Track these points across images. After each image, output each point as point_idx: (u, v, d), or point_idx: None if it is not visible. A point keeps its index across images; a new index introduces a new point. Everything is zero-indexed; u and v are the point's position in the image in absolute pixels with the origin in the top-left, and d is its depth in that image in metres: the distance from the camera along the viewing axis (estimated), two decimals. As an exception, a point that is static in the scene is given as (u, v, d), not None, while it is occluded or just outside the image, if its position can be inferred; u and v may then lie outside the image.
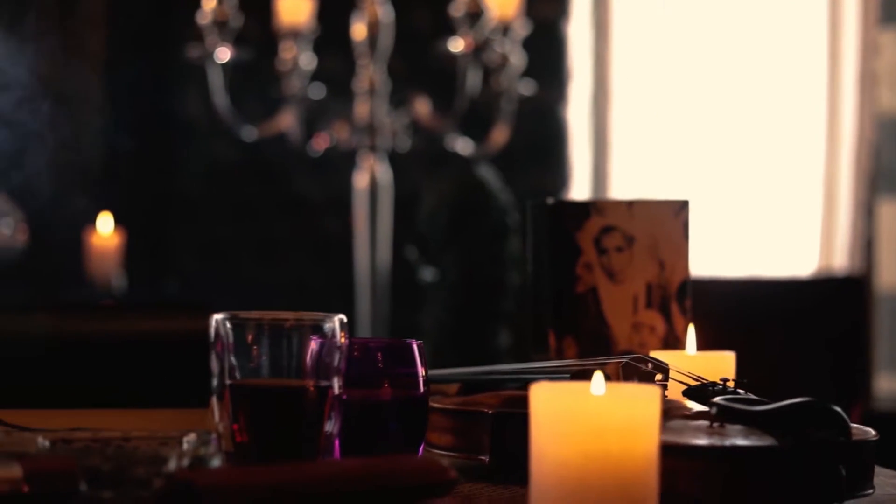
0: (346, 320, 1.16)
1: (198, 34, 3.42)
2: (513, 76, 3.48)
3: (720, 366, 1.44)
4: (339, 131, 3.55)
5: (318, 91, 3.61)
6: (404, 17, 3.78)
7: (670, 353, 1.45)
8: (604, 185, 4.71)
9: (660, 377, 1.27)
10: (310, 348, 1.15)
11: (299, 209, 4.65)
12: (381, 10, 3.50)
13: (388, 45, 3.52)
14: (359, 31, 3.51)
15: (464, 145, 3.63)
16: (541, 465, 0.93)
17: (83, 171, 4.21)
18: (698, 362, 1.40)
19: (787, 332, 3.55)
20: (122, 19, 4.57)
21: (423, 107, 3.56)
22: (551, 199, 1.65)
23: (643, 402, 0.92)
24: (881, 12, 4.58)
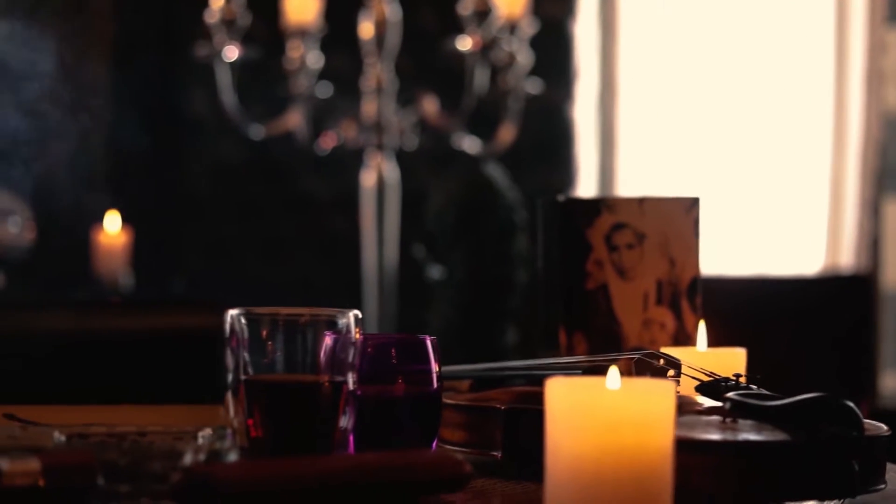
0: (360, 316, 1.16)
1: (206, 33, 3.42)
2: (520, 75, 3.48)
3: (731, 362, 1.44)
4: (347, 130, 3.56)
5: (325, 90, 3.62)
6: (411, 16, 3.79)
7: (681, 350, 1.45)
8: (610, 184, 4.71)
9: (672, 373, 1.27)
10: (324, 344, 1.15)
11: (306, 208, 4.65)
12: (389, 8, 3.50)
13: (396, 44, 3.52)
14: (366, 29, 3.51)
15: (471, 144, 3.64)
16: (556, 459, 0.93)
17: (90, 170, 4.22)
18: (709, 359, 1.40)
19: (793, 330, 3.55)
20: (129, 17, 4.58)
21: (431, 105, 3.56)
22: (562, 196, 1.65)
23: (658, 396, 0.93)
24: (888, 11, 4.58)
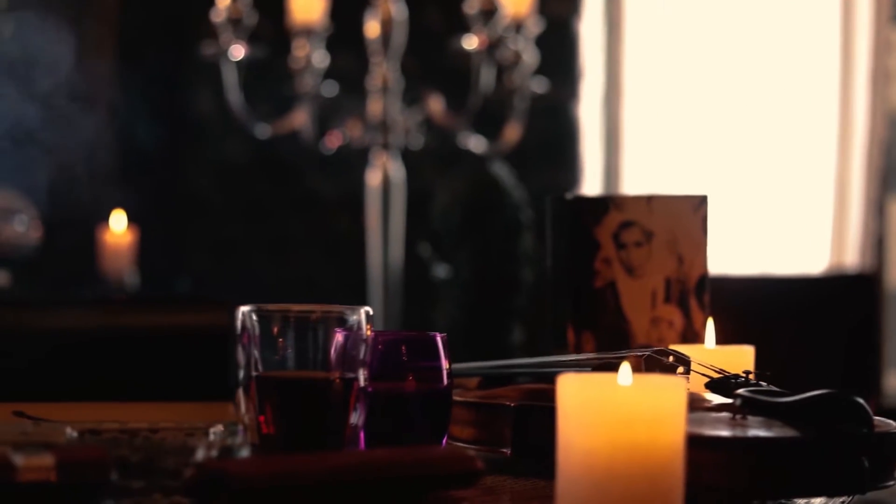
0: (371, 312, 1.17)
1: (212, 32, 3.43)
2: (525, 74, 3.48)
3: (739, 360, 1.44)
4: (352, 129, 3.56)
5: (330, 89, 3.62)
6: (417, 15, 3.79)
7: (690, 347, 1.45)
8: (615, 183, 4.71)
9: (681, 370, 1.27)
10: (335, 340, 1.16)
11: (312, 207, 4.66)
12: (395, 7, 3.50)
13: (402, 43, 3.52)
14: (372, 28, 3.52)
15: (476, 143, 3.64)
16: (568, 455, 0.94)
17: (96, 169, 4.22)
18: (717, 356, 1.40)
19: (797, 329, 3.55)
20: (136, 16, 4.58)
21: (437, 104, 3.57)
22: (570, 194, 1.65)
23: (670, 392, 0.93)
24: (894, 10, 4.58)
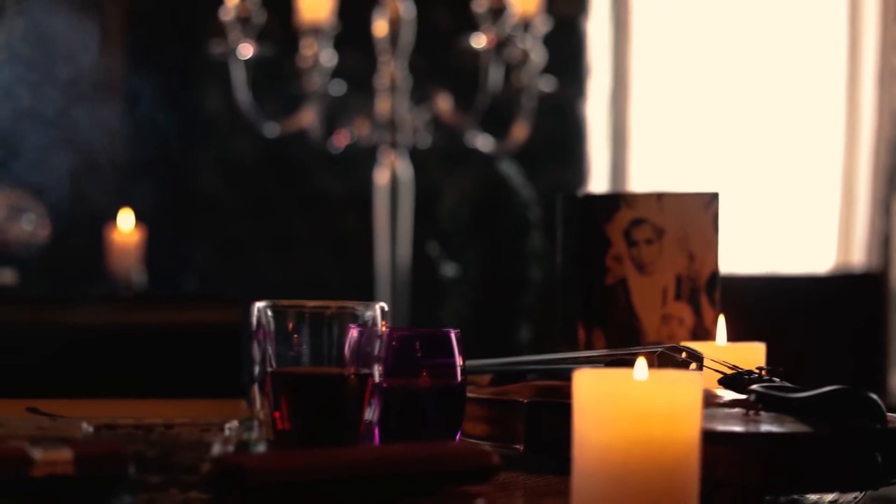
0: (386, 308, 1.17)
1: (220, 30, 3.43)
2: (533, 73, 3.48)
3: (750, 357, 1.44)
4: (360, 128, 3.56)
5: (338, 87, 3.62)
6: (425, 14, 3.79)
7: (701, 344, 1.45)
8: (622, 182, 4.71)
9: (694, 366, 1.28)
10: (350, 336, 1.16)
11: (320, 205, 4.66)
12: (403, 6, 3.51)
13: (410, 42, 3.53)
14: (380, 27, 3.52)
15: (484, 142, 3.64)
16: (584, 450, 0.94)
17: (104, 168, 4.22)
18: (729, 353, 1.41)
19: (804, 327, 3.56)
20: (145, 15, 4.59)
21: (445, 103, 3.57)
22: (581, 192, 1.66)
23: (685, 387, 0.93)
24: (901, 9, 4.58)
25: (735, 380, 1.24)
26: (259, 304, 1.17)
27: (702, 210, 1.64)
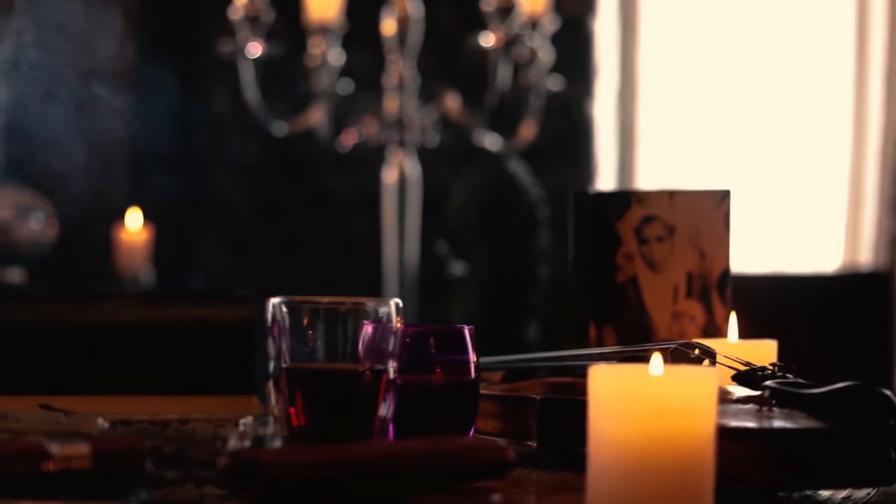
0: (401, 305, 1.17)
1: (229, 29, 3.44)
2: (541, 72, 3.49)
3: (762, 354, 1.44)
4: (368, 127, 3.57)
5: (346, 86, 3.63)
6: (433, 13, 3.80)
7: (713, 342, 1.46)
8: (630, 181, 4.71)
9: (707, 363, 1.28)
10: (364, 333, 1.16)
11: (328, 204, 4.66)
12: (411, 5, 3.51)
13: (418, 41, 3.53)
14: (388, 26, 3.52)
15: (492, 140, 3.64)
16: (599, 445, 0.94)
17: (112, 167, 4.23)
18: (740, 350, 1.41)
19: (812, 327, 3.56)
20: (153, 14, 4.59)
21: (453, 102, 3.57)
22: (592, 190, 1.66)
23: (701, 382, 0.94)
24: (909, 8, 4.58)
25: (749, 376, 1.24)
26: (274, 301, 1.17)
27: (713, 207, 1.64)
